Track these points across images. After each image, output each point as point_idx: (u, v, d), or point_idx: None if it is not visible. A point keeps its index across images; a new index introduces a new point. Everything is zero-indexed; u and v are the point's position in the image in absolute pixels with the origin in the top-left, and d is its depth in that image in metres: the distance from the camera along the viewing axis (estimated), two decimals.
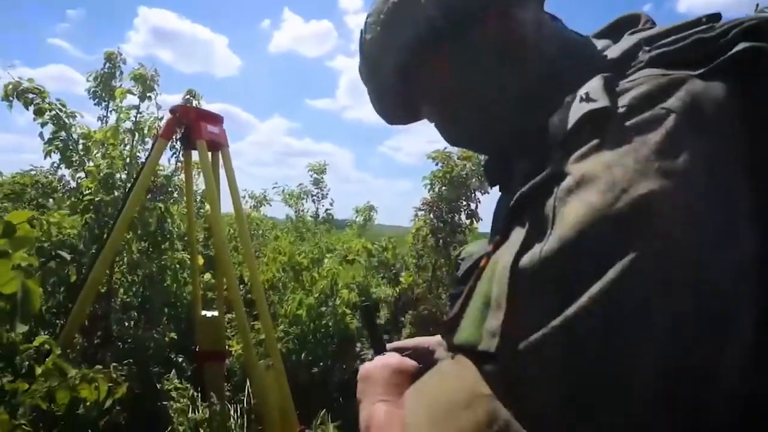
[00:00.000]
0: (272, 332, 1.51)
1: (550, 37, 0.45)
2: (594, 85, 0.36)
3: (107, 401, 1.25)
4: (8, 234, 0.71)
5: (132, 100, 2.25)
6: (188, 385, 2.64)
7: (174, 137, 1.79)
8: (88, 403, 1.19)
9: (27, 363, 0.97)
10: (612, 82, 0.36)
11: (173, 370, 2.65)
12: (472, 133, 0.49)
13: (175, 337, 2.60)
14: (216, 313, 1.88)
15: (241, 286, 2.84)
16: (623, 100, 0.34)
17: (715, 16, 0.39)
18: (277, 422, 1.30)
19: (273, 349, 1.41)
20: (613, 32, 0.48)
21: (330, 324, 2.37)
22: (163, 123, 1.93)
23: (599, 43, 0.47)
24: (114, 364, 1.20)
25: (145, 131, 2.22)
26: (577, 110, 0.35)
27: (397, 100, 0.50)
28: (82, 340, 2.13)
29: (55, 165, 2.18)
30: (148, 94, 2.19)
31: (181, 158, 2.33)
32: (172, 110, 1.52)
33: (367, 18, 0.50)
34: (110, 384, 1.14)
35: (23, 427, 1.04)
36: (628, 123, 0.32)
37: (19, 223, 0.71)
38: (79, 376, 0.93)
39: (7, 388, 0.85)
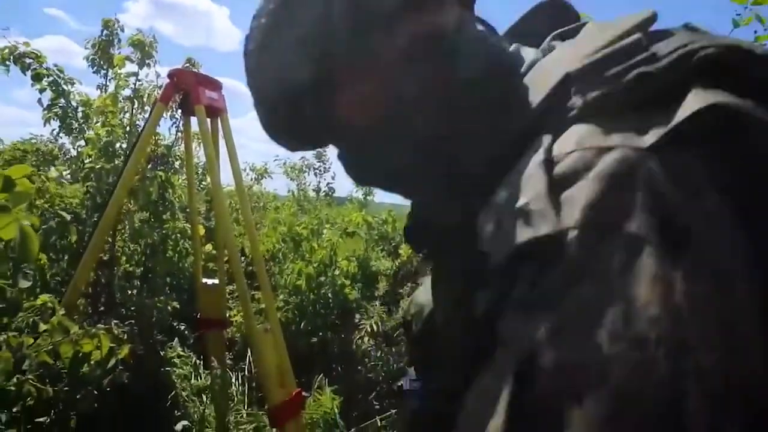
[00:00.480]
0: (272, 300, 1.54)
1: (477, 49, 0.39)
2: (535, 187, 0.28)
3: (110, 360, 1.28)
4: (8, 188, 0.71)
5: (131, 68, 2.23)
6: (191, 353, 2.70)
7: (173, 105, 1.77)
8: (92, 362, 1.23)
9: (31, 320, 1.00)
10: (550, 170, 0.28)
11: (176, 339, 2.71)
12: (386, 162, 0.41)
13: (177, 306, 2.65)
14: (217, 281, 1.91)
15: (242, 258, 2.87)
16: (571, 213, 0.26)
17: (660, 34, 0.31)
18: (276, 384, 1.33)
19: (272, 315, 1.44)
20: (536, 25, 0.42)
21: (329, 295, 2.41)
22: (161, 88, 1.91)
23: (526, 53, 0.40)
24: (115, 321, 1.23)
25: (145, 99, 2.21)
26: (517, 231, 0.27)
27: (295, 123, 0.42)
28: (86, 307, 2.17)
29: (55, 132, 2.17)
30: (146, 61, 2.17)
31: (181, 128, 2.32)
32: (170, 74, 1.51)
33: (253, 21, 0.41)
34: (112, 345, 1.16)
35: (30, 381, 1.07)
36: (583, 263, 0.24)
37: (18, 178, 0.72)
38: (81, 333, 0.95)
39: (12, 342, 0.87)
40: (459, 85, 0.38)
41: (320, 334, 2.45)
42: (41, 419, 1.20)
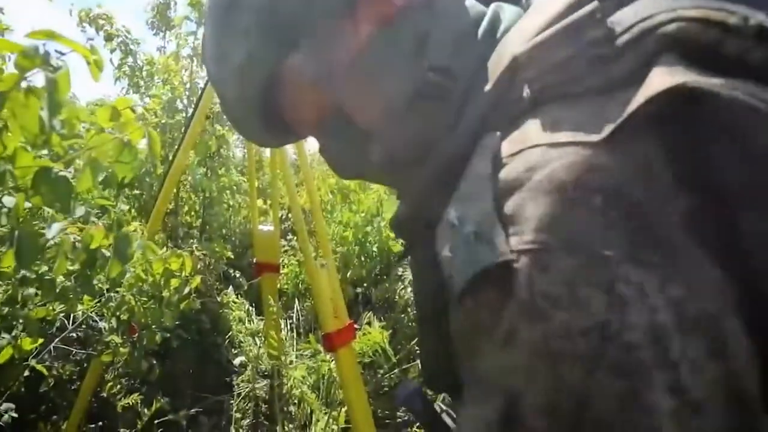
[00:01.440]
0: (327, 239, 1.66)
1: (446, 29, 0.36)
2: (482, 208, 0.26)
3: (185, 288, 1.45)
4: (115, 117, 0.83)
5: (189, 28, 2.35)
6: (244, 300, 2.94)
7: None
8: (172, 288, 1.40)
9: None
10: (497, 181, 0.26)
11: (230, 287, 2.95)
12: (362, 157, 0.39)
13: (232, 256, 2.86)
14: (272, 228, 2.07)
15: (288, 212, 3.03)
16: (521, 235, 0.24)
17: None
18: (330, 314, 1.46)
19: (327, 252, 1.56)
20: None
21: (374, 249, 2.53)
22: None
23: (505, 15, 0.36)
24: (197, 246, 1.38)
25: None
26: (470, 259, 0.25)
27: (265, 115, 0.40)
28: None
29: (124, 90, 2.35)
30: (203, 20, 2.28)
31: None
32: None
33: (204, 29, 0.40)
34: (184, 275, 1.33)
35: (124, 298, 1.25)
36: (542, 291, 0.23)
37: (123, 109, 0.83)
38: (170, 253, 1.10)
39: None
40: (428, 71, 0.35)
41: (364, 285, 2.59)
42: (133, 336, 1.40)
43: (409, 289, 2.47)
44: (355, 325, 1.60)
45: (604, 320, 0.22)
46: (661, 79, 0.23)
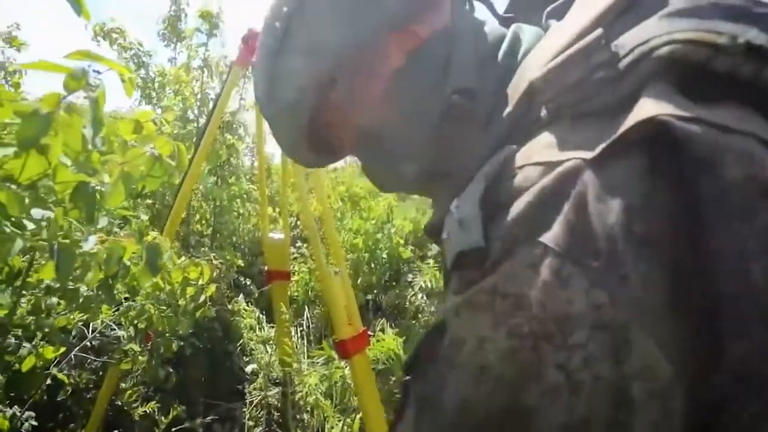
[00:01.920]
0: (339, 246, 1.67)
1: (468, 52, 0.39)
2: (471, 201, 0.30)
3: (201, 296, 1.47)
4: (137, 130, 0.85)
5: (200, 39, 2.39)
6: (254, 308, 2.95)
7: (247, 69, 1.90)
8: (188, 296, 1.42)
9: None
10: (492, 192, 0.29)
11: (240, 294, 2.97)
12: (398, 171, 0.42)
13: (242, 264, 2.88)
14: (282, 236, 2.08)
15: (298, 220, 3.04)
16: (499, 226, 0.28)
17: (631, 19, 0.29)
18: (344, 321, 1.47)
19: (339, 260, 1.57)
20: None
21: (384, 255, 2.54)
22: (226, 58, 2.05)
23: (525, 37, 0.39)
24: (213, 254, 1.40)
25: (213, 68, 2.37)
26: (456, 241, 0.30)
27: (312, 141, 0.45)
28: None
29: (137, 102, 2.39)
30: (214, 32, 2.32)
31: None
32: (245, 39, 1.61)
33: (257, 59, 0.44)
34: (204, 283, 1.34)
35: (144, 307, 1.26)
36: (502, 272, 0.26)
37: (145, 122, 0.85)
38: (188, 262, 1.11)
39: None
40: (451, 94, 0.38)
41: (375, 291, 2.60)
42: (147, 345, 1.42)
43: (420, 295, 2.47)
44: (368, 332, 1.60)
45: (519, 292, 0.25)
46: (646, 107, 0.25)
